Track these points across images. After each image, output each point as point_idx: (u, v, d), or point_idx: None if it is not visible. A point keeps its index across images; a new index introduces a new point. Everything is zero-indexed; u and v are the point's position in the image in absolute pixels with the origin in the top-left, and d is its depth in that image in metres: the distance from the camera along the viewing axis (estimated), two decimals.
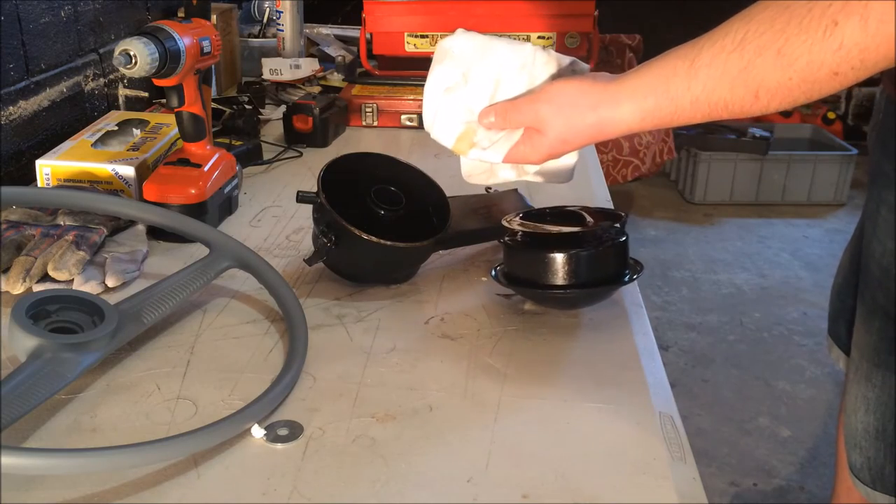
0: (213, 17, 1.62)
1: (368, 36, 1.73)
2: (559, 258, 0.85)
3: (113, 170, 1.09)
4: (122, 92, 1.47)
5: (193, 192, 1.04)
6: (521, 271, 0.89)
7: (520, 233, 0.90)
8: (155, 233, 1.03)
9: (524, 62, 0.82)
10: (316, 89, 1.72)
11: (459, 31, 0.83)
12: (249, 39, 1.89)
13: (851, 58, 0.59)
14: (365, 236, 0.88)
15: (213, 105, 1.39)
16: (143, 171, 1.10)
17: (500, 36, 0.84)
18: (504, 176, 0.87)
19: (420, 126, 1.56)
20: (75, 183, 1.09)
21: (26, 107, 1.21)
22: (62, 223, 0.97)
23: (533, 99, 0.78)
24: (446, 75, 0.82)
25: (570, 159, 0.86)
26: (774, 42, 0.61)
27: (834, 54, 0.59)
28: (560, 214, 0.96)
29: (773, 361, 2.54)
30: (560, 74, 0.82)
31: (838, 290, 1.20)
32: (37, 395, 0.66)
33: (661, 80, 0.69)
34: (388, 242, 0.89)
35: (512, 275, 0.90)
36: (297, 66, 1.72)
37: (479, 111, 0.81)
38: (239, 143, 1.31)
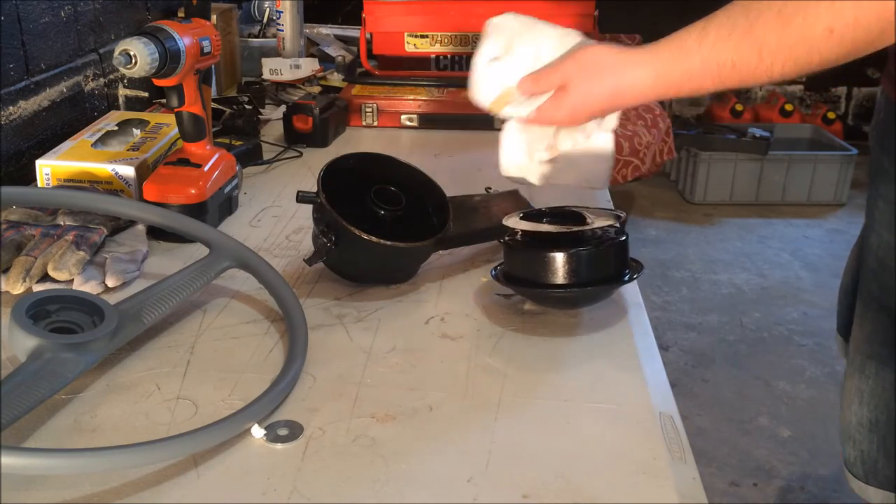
0: (213, 17, 1.62)
1: (368, 36, 1.73)
2: (559, 257, 0.85)
3: (113, 170, 1.09)
4: (122, 92, 1.47)
5: (193, 192, 1.04)
6: (520, 271, 0.89)
7: (520, 232, 0.90)
8: (155, 233, 1.03)
9: (563, 41, 0.89)
10: (316, 89, 1.72)
11: (508, 12, 0.92)
12: (249, 39, 1.89)
13: (845, 15, 0.64)
14: (365, 236, 0.88)
15: (213, 105, 1.38)
16: (143, 171, 1.10)
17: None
18: (539, 172, 0.92)
19: (420, 126, 1.57)
20: (75, 183, 1.09)
21: (26, 107, 1.21)
22: (62, 223, 0.97)
23: (561, 59, 0.85)
24: (492, 48, 0.90)
25: (604, 163, 0.92)
26: (776, 4, 0.68)
27: (827, 10, 0.65)
28: (560, 214, 0.96)
29: (773, 361, 2.53)
30: None
31: (845, 290, 1.21)
32: (37, 395, 0.66)
33: (676, 42, 0.75)
34: (388, 242, 0.89)
35: (512, 274, 0.90)
36: (297, 66, 1.72)
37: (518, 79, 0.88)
38: (239, 143, 1.31)
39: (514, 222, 0.92)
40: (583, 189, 0.97)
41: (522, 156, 0.92)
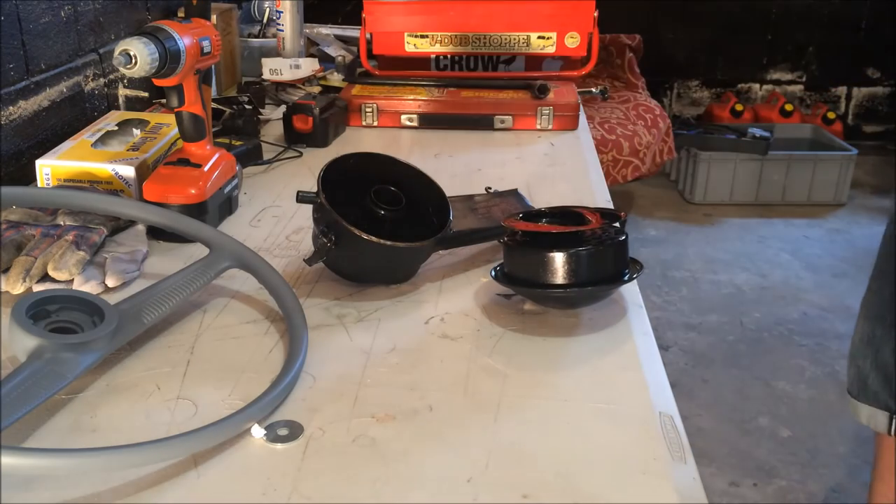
0: (213, 17, 1.62)
1: (368, 36, 1.73)
2: (559, 257, 0.85)
3: (113, 170, 1.09)
4: (122, 92, 1.47)
5: (193, 192, 1.04)
6: (520, 271, 0.89)
7: (520, 233, 0.90)
8: (155, 233, 1.03)
9: None
10: (316, 89, 1.72)
11: None
12: (249, 39, 1.89)
13: None
14: (365, 236, 0.88)
15: (213, 105, 1.38)
16: (143, 171, 1.10)
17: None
18: None
19: (420, 126, 1.57)
20: (75, 183, 1.09)
21: (26, 107, 1.21)
22: (62, 223, 0.97)
23: None
24: None
25: None
26: None
27: None
28: (560, 214, 0.96)
29: (773, 361, 2.54)
30: None
31: None
32: (37, 395, 0.66)
33: None
34: (388, 242, 0.89)
35: (512, 274, 0.90)
36: (297, 66, 1.72)
37: None
38: (239, 143, 1.31)
39: (514, 222, 0.92)
40: None
41: None
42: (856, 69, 4.18)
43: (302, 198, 0.92)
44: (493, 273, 0.91)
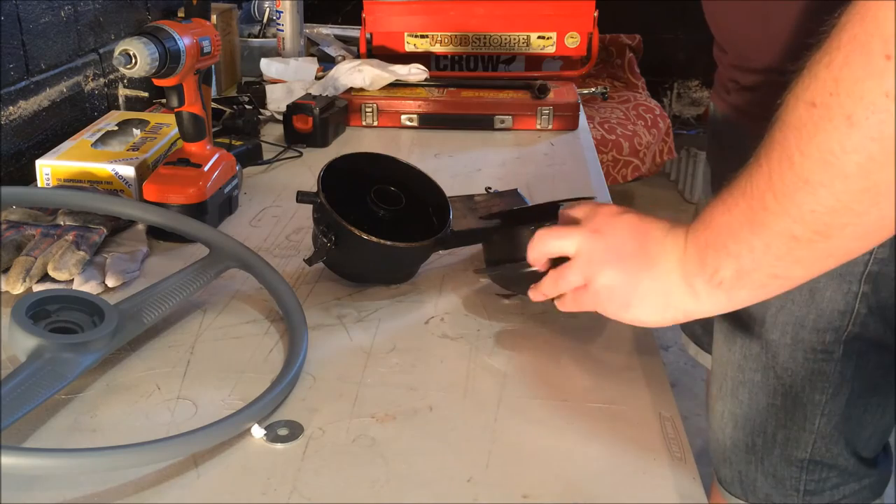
0: (213, 17, 1.62)
1: (368, 36, 1.74)
2: (526, 232, 0.77)
3: (113, 170, 1.09)
4: (122, 92, 1.47)
5: (193, 192, 1.04)
6: (497, 252, 0.87)
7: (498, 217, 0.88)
8: (155, 233, 1.03)
9: None
10: None
11: None
12: (249, 39, 1.89)
13: None
14: (365, 236, 0.88)
15: (213, 105, 1.38)
16: (143, 171, 1.10)
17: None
18: None
19: (420, 126, 1.57)
20: (75, 183, 1.09)
21: (26, 107, 1.21)
22: (62, 223, 0.97)
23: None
24: None
25: None
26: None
27: None
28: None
29: None
30: None
31: None
32: (37, 395, 0.66)
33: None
34: (388, 242, 0.89)
35: (491, 259, 0.89)
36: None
37: None
38: (239, 143, 1.31)
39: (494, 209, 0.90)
40: None
41: None
42: None
43: (302, 198, 0.92)
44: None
